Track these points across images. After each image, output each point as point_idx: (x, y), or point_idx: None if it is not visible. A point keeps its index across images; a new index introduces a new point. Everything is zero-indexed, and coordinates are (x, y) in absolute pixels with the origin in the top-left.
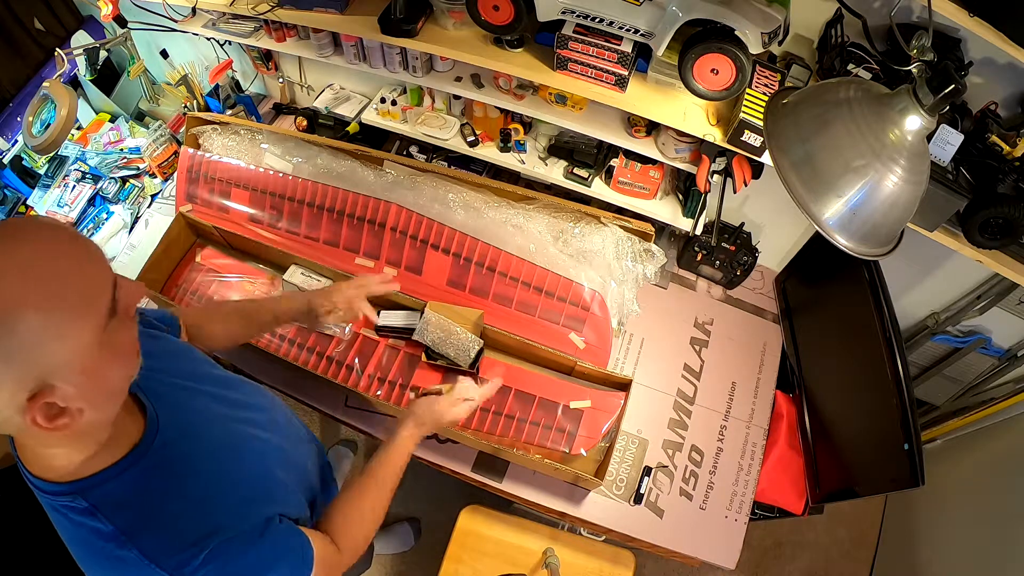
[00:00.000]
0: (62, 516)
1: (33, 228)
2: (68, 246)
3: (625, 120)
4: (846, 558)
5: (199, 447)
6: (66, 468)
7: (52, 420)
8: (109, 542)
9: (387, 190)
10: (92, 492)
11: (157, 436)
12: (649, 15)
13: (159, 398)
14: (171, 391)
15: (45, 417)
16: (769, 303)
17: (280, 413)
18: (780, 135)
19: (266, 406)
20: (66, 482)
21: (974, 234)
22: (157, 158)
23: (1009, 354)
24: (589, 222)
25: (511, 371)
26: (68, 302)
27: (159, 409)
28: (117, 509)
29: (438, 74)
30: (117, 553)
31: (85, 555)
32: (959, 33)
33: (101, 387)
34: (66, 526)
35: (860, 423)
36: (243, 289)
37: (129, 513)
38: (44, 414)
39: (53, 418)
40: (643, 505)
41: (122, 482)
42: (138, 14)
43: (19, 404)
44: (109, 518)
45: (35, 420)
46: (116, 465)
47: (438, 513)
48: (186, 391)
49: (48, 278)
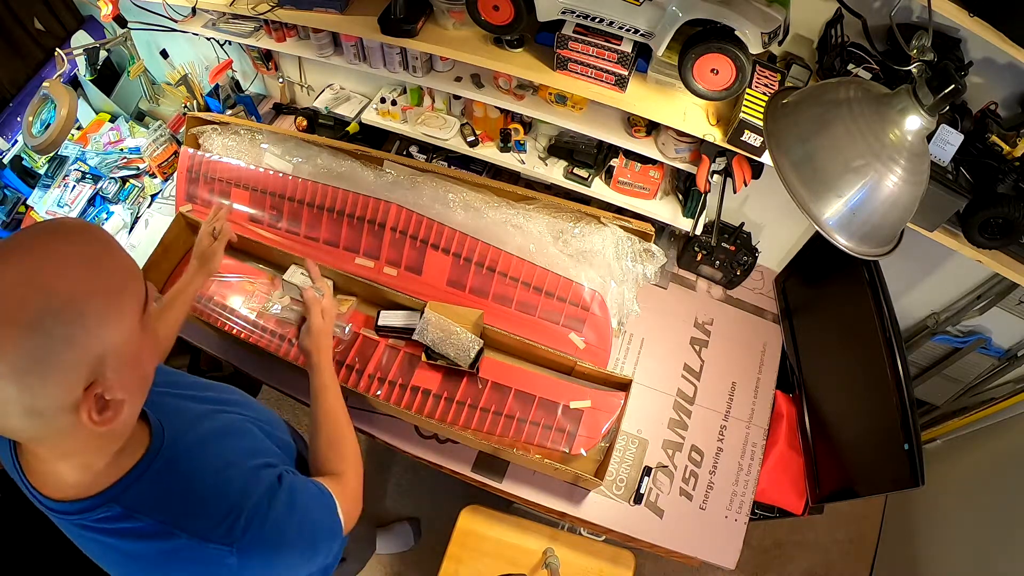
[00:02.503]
0: (98, 533)
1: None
2: (108, 240)
3: (625, 120)
4: (846, 558)
5: (197, 440)
6: (86, 482)
7: (101, 414)
8: (154, 539)
9: (387, 190)
10: (124, 497)
11: (165, 436)
12: (649, 15)
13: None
14: (159, 398)
15: (97, 411)
16: (769, 303)
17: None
18: (780, 135)
19: (241, 401)
20: (92, 496)
21: (974, 234)
22: (157, 158)
23: (1009, 354)
24: (589, 222)
25: (511, 371)
26: (120, 287)
27: (155, 414)
28: (151, 506)
29: (438, 74)
30: (166, 546)
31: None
32: (959, 33)
33: (139, 376)
34: (102, 541)
35: (860, 423)
36: (243, 289)
37: (163, 506)
38: (96, 407)
39: (102, 411)
40: (643, 505)
41: (146, 482)
42: (138, 14)
43: (74, 399)
44: (147, 515)
45: (90, 415)
46: (136, 468)
47: (438, 513)
48: (168, 396)
49: (102, 266)
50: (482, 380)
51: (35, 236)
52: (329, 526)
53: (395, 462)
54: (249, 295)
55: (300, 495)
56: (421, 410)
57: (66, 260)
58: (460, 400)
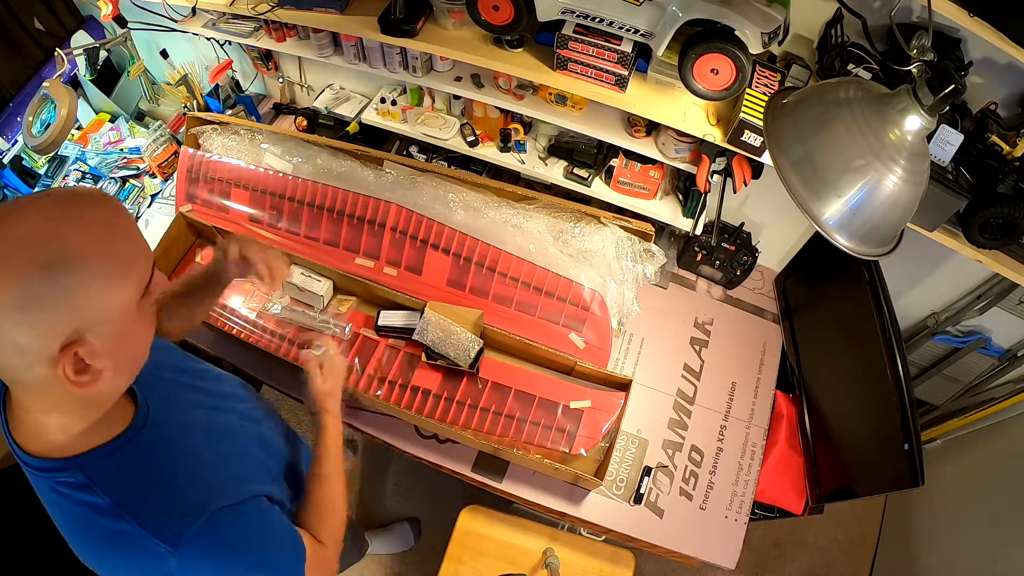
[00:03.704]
0: (57, 495)
1: (105, 196)
2: (131, 219)
3: (625, 120)
4: (846, 558)
5: (185, 430)
6: (62, 442)
7: (78, 374)
8: (105, 516)
9: (387, 190)
10: (89, 467)
11: (148, 418)
12: (649, 15)
13: (145, 387)
14: (154, 380)
15: (73, 369)
16: (769, 303)
17: (259, 405)
18: (780, 135)
19: (245, 397)
20: (62, 458)
21: (974, 234)
22: (157, 158)
23: (1009, 354)
24: (589, 222)
25: (511, 371)
26: (129, 260)
27: (145, 394)
28: (113, 484)
29: (438, 74)
30: (114, 527)
31: (82, 534)
32: (959, 33)
33: (127, 352)
34: (62, 505)
35: (860, 423)
36: (243, 289)
37: (125, 488)
38: (72, 365)
39: (79, 372)
40: (643, 505)
41: (116, 459)
42: (138, 14)
43: (51, 352)
44: (107, 492)
45: (64, 370)
46: (112, 442)
47: (438, 513)
48: (167, 381)
49: (118, 236)
50: (482, 380)
51: (68, 194)
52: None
53: (395, 462)
54: (249, 295)
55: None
56: (421, 410)
57: (88, 221)
58: (460, 400)
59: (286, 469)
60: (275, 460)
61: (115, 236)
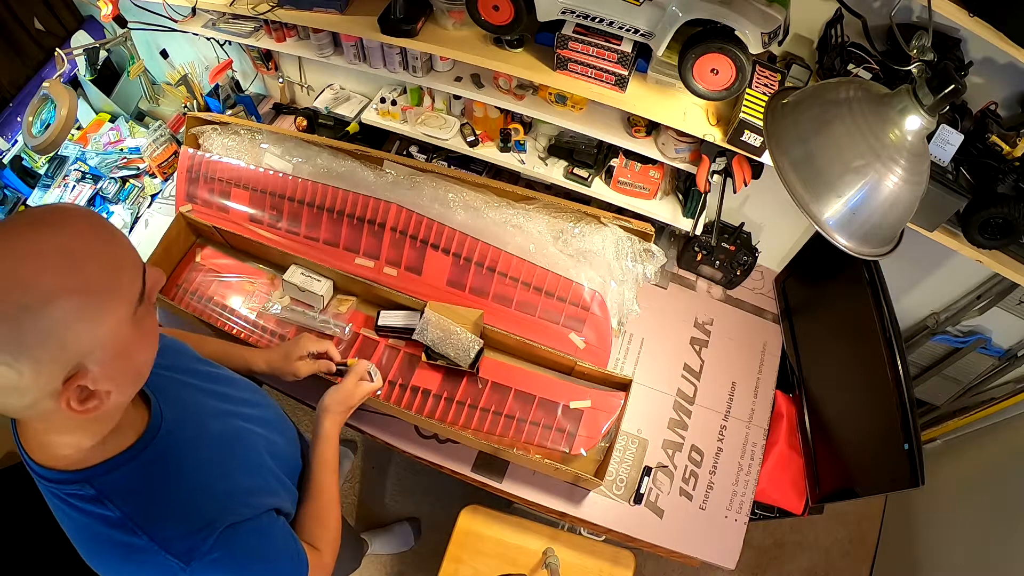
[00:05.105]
0: (68, 506)
1: (70, 213)
2: (103, 232)
3: (625, 120)
4: (846, 558)
5: (199, 438)
6: (73, 457)
7: (83, 403)
8: (116, 528)
9: (387, 190)
10: (100, 480)
11: (162, 426)
12: (649, 15)
13: (158, 390)
14: (168, 384)
15: (78, 400)
16: (769, 303)
17: (271, 410)
18: (780, 135)
19: (258, 402)
20: (73, 470)
21: (974, 234)
22: (157, 158)
23: (1009, 354)
24: (589, 222)
25: (511, 371)
26: (104, 285)
27: (160, 401)
28: (125, 496)
29: (438, 74)
30: (125, 540)
31: (91, 544)
32: (959, 33)
33: (129, 369)
34: (72, 516)
35: (860, 423)
36: (243, 289)
37: (136, 500)
38: (77, 397)
39: (84, 401)
40: (643, 505)
41: (129, 471)
42: (138, 14)
43: (55, 388)
44: (117, 505)
45: (69, 403)
46: (123, 454)
47: (438, 513)
48: (182, 385)
49: (85, 262)
50: (482, 380)
51: (26, 224)
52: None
53: (395, 462)
54: (249, 295)
55: (278, 541)
56: (421, 410)
57: (49, 255)
58: (460, 400)
59: (293, 475)
60: (283, 467)
61: (79, 264)
